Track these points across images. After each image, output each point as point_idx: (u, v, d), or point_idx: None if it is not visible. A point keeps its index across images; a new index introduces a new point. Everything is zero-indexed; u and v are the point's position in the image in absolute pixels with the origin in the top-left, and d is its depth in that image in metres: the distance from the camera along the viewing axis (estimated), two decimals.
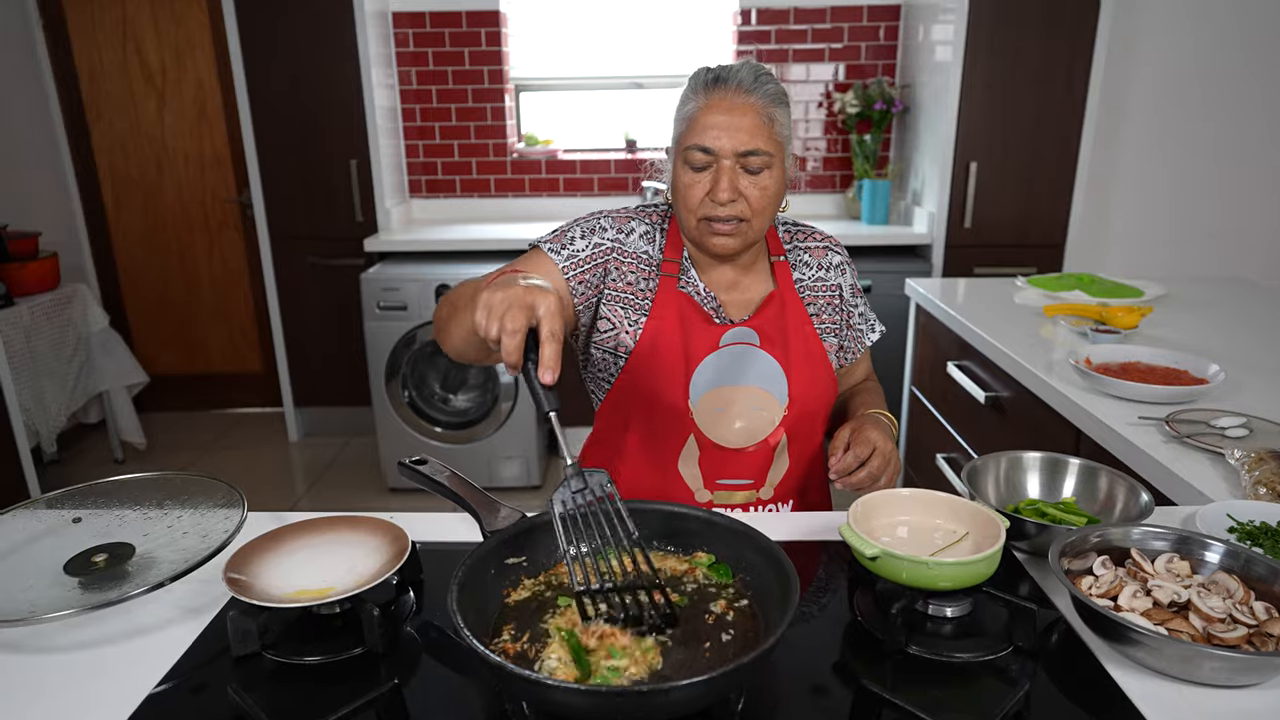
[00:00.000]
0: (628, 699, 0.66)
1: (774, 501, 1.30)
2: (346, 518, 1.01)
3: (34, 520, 1.05)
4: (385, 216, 3.47)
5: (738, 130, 1.15)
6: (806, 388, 1.26)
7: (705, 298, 1.27)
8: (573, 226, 1.29)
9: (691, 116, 1.18)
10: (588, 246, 1.27)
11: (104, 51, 3.64)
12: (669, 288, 1.26)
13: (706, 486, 1.27)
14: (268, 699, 0.77)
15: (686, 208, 1.21)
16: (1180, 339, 1.86)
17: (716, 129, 1.15)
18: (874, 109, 3.44)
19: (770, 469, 1.27)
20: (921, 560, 0.85)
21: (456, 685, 0.81)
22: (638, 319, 1.26)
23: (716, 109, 1.16)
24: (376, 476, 3.39)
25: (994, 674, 0.81)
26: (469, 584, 0.81)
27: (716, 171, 1.17)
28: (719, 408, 1.24)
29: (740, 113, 1.15)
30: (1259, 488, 1.12)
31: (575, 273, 1.25)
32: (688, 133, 1.18)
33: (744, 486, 1.27)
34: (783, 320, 1.27)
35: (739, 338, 1.25)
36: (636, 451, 1.28)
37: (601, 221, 1.29)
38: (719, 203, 1.17)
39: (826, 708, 0.77)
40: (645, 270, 1.28)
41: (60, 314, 3.23)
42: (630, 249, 1.28)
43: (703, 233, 1.21)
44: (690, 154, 1.17)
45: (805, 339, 1.28)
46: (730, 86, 1.17)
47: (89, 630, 0.88)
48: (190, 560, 0.92)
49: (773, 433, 1.26)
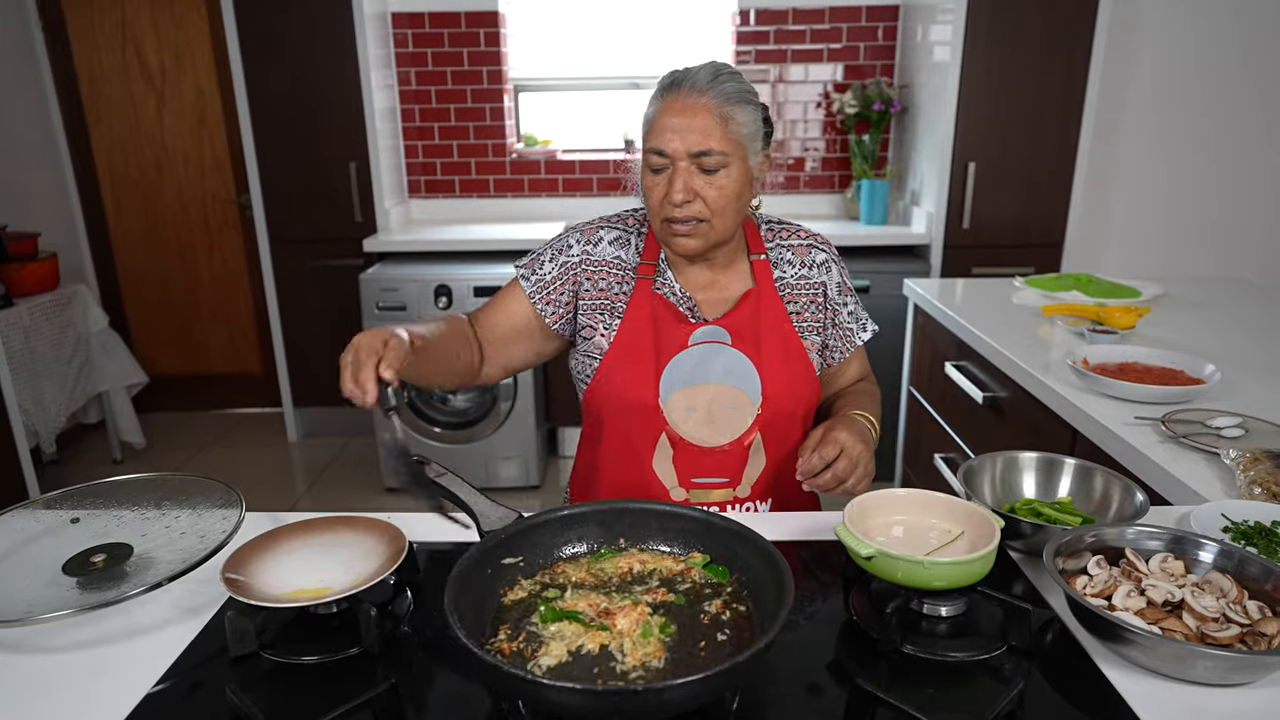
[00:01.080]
0: (623, 698, 0.67)
1: (751, 500, 1.29)
2: (344, 518, 1.01)
3: (32, 521, 1.05)
4: (384, 217, 3.47)
5: (690, 131, 1.16)
6: (781, 386, 1.26)
7: (681, 298, 1.29)
8: (544, 249, 1.35)
9: (650, 119, 1.21)
10: (555, 268, 1.32)
11: (104, 53, 3.64)
12: (644, 289, 1.28)
13: (681, 485, 1.27)
14: (265, 698, 0.78)
15: (651, 210, 1.24)
16: (1177, 339, 1.86)
17: (670, 131, 1.17)
18: (872, 109, 3.44)
19: (746, 467, 1.27)
20: (916, 560, 0.85)
21: (453, 685, 0.82)
22: (612, 321, 1.28)
23: (671, 111, 1.18)
24: (375, 477, 3.39)
25: (988, 673, 0.81)
26: (465, 584, 0.81)
27: (672, 173, 1.19)
28: (690, 406, 1.25)
29: (693, 113, 1.17)
30: (1254, 487, 1.12)
31: (540, 295, 1.32)
32: (647, 136, 1.21)
33: (720, 485, 1.27)
34: (757, 318, 1.28)
35: (709, 336, 1.26)
36: (612, 450, 1.29)
37: (569, 239, 1.34)
38: (674, 204, 1.19)
39: (821, 707, 0.77)
40: (619, 275, 1.31)
41: (60, 315, 3.23)
42: (600, 257, 1.32)
43: (665, 233, 1.24)
44: (649, 157, 1.21)
45: (782, 337, 1.28)
46: (685, 88, 1.18)
47: (87, 630, 0.89)
48: (188, 560, 0.92)
49: (746, 431, 1.26)
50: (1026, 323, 2.03)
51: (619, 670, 0.76)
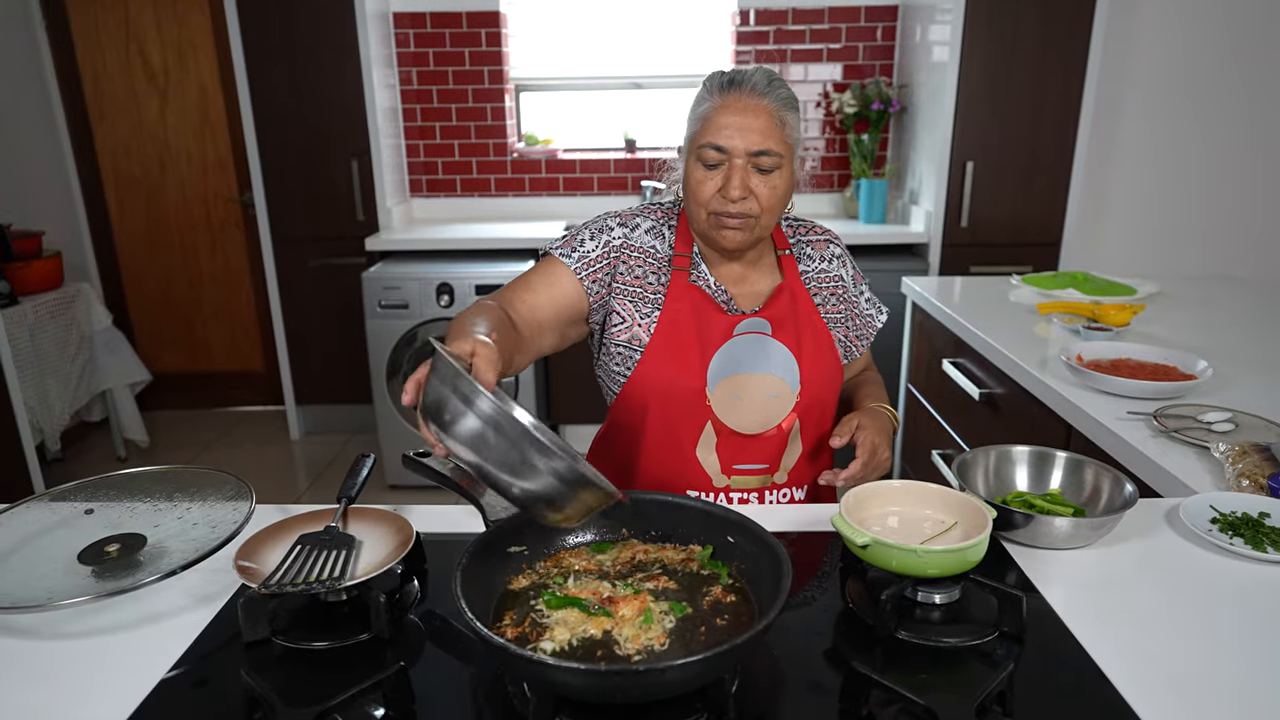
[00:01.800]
0: (625, 678, 0.69)
1: (788, 486, 1.34)
2: (352, 509, 1.04)
3: (47, 512, 1.07)
4: (386, 216, 3.49)
5: (750, 130, 1.20)
6: (816, 375, 1.31)
7: (716, 290, 1.31)
8: (581, 230, 1.33)
9: (706, 116, 1.23)
10: (597, 246, 1.31)
11: (107, 52, 3.66)
12: (681, 281, 1.31)
13: (724, 472, 1.30)
14: (278, 682, 0.80)
15: (698, 202, 1.25)
16: (1171, 336, 1.89)
17: (730, 128, 1.20)
18: (871, 109, 3.46)
19: (784, 454, 1.32)
20: (910, 548, 0.87)
21: (459, 669, 0.84)
22: (650, 312, 1.30)
23: (731, 109, 1.21)
24: (378, 474, 3.41)
25: (980, 657, 0.83)
26: (472, 571, 0.83)
27: (729, 169, 1.21)
28: (735, 395, 1.28)
29: (754, 114, 1.20)
30: (1242, 479, 1.14)
31: (587, 272, 1.30)
32: (702, 131, 1.23)
33: (759, 471, 1.31)
34: (794, 310, 1.32)
35: (752, 327, 1.29)
36: (654, 440, 1.31)
37: (608, 221, 1.34)
38: (730, 199, 1.21)
39: (818, 689, 0.79)
40: (654, 265, 1.32)
41: (64, 313, 3.25)
42: (637, 244, 1.33)
43: (712, 227, 1.26)
44: (704, 151, 1.22)
45: (814, 329, 1.33)
46: (745, 89, 1.21)
47: (103, 617, 0.91)
48: (201, 549, 0.95)
49: (786, 418, 1.30)
50: (1023, 320, 2.05)
51: (621, 654, 0.78)
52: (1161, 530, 1.08)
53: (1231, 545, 1.00)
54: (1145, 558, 1.02)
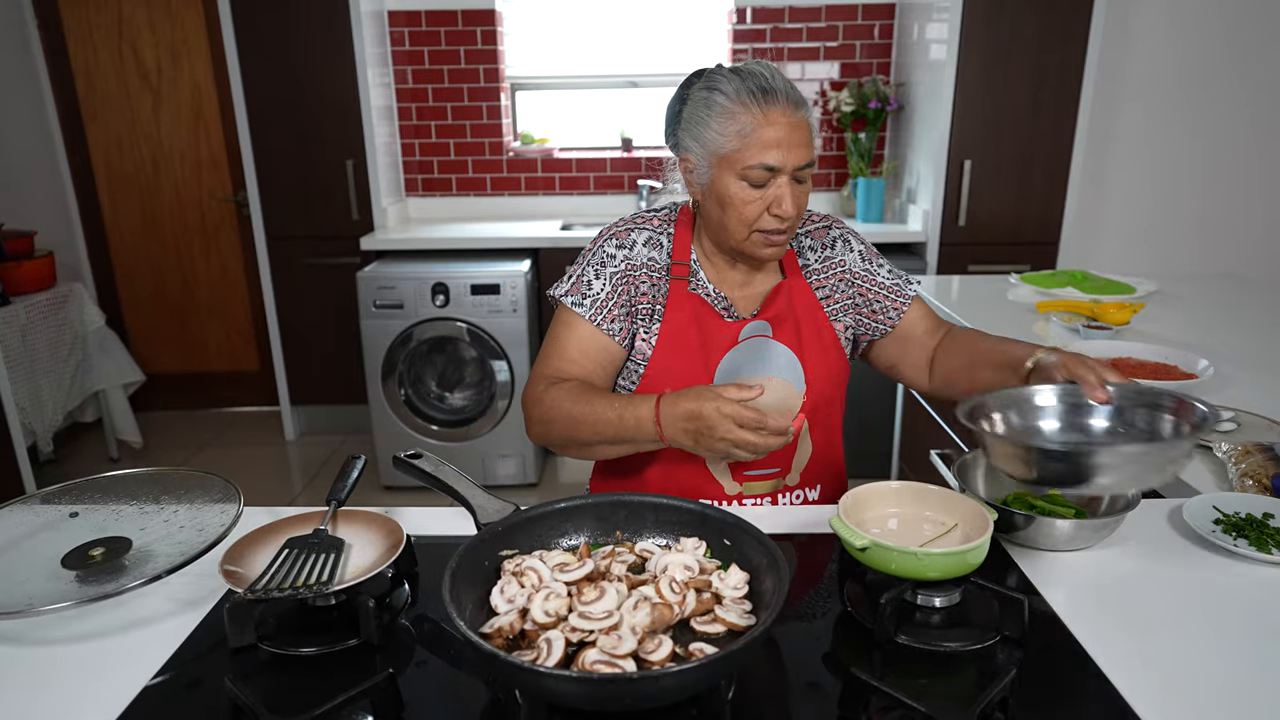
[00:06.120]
0: (619, 685, 0.67)
1: (801, 487, 1.32)
2: (342, 511, 1.02)
3: (31, 515, 1.05)
4: (381, 215, 3.47)
5: (797, 145, 1.16)
6: (822, 372, 1.29)
7: (715, 298, 1.29)
8: (585, 268, 1.29)
9: (748, 132, 1.15)
10: (605, 284, 1.27)
11: (100, 51, 3.64)
12: (680, 290, 1.28)
13: (735, 479, 1.29)
14: (264, 689, 0.78)
15: (743, 222, 1.20)
16: (1171, 335, 1.87)
17: (779, 146, 1.15)
18: (869, 107, 3.45)
19: (795, 455, 1.30)
20: (910, 551, 0.86)
21: (450, 676, 0.82)
22: (652, 324, 1.27)
23: (776, 125, 1.15)
24: (373, 475, 3.39)
25: (981, 662, 0.82)
26: (462, 575, 0.81)
27: (778, 187, 1.17)
28: None
29: (795, 127, 1.16)
30: (1245, 479, 1.13)
31: (603, 316, 1.26)
32: (745, 150, 1.16)
33: (770, 475, 1.29)
34: (792, 309, 1.29)
35: (755, 331, 1.27)
36: (664, 453, 1.28)
37: (606, 248, 1.29)
38: (784, 217, 1.18)
39: (816, 696, 0.78)
40: (654, 277, 1.29)
41: (56, 313, 3.23)
42: (637, 261, 1.28)
43: (756, 244, 1.22)
44: (752, 173, 1.16)
45: (816, 324, 1.30)
46: (780, 100, 1.16)
47: (87, 623, 0.89)
48: (187, 553, 0.93)
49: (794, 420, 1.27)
50: (1022, 319, 2.04)
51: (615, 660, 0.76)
52: (1164, 531, 1.06)
53: (1235, 546, 0.99)
54: (1148, 559, 1.00)
